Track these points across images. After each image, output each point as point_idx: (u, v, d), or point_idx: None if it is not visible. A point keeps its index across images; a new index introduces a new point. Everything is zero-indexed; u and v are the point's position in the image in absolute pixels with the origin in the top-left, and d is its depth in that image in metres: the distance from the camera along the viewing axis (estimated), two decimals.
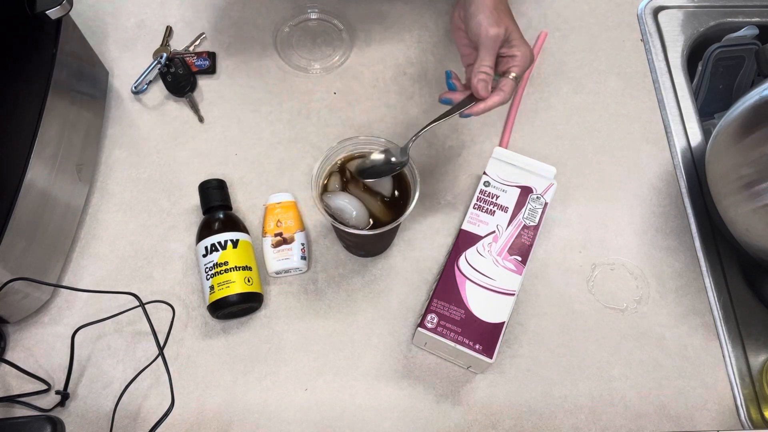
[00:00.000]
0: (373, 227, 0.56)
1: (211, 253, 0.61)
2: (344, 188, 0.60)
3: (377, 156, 0.60)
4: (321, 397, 0.60)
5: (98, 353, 0.61)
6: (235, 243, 0.62)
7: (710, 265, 0.68)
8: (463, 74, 0.64)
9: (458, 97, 0.60)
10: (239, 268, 0.61)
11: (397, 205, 0.60)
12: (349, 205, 0.58)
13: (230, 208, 0.67)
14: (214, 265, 0.61)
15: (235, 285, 0.60)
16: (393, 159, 0.59)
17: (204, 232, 0.63)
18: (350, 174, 0.61)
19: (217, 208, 0.66)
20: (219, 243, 0.61)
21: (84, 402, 0.59)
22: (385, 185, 0.60)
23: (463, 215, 0.66)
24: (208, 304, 0.61)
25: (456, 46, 0.64)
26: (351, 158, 0.61)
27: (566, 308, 0.65)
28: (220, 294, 0.59)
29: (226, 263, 0.60)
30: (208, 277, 0.61)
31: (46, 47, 0.61)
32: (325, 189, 0.60)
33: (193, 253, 0.66)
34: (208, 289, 0.60)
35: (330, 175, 0.61)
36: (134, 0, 0.82)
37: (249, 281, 0.61)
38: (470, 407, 0.60)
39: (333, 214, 0.58)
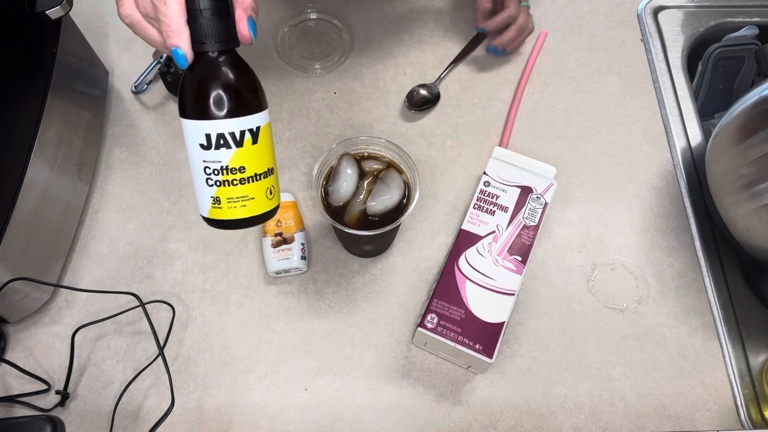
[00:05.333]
0: (372, 227, 0.56)
1: (217, 147, 0.40)
2: (361, 170, 0.60)
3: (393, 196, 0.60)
4: (321, 397, 0.60)
5: (98, 353, 0.61)
6: (255, 134, 0.40)
7: (710, 265, 0.68)
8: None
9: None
10: (260, 176, 0.41)
11: (397, 206, 0.60)
12: (346, 180, 0.59)
13: (237, 44, 0.42)
14: (222, 169, 0.40)
15: (254, 203, 0.42)
16: (404, 201, 0.59)
17: (199, 100, 0.39)
18: (374, 173, 0.60)
19: (219, 46, 0.40)
20: (232, 136, 0.39)
21: (84, 402, 0.59)
22: (388, 195, 0.59)
23: (463, 215, 0.66)
24: (206, 216, 0.43)
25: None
26: (361, 156, 0.62)
27: (566, 308, 0.65)
28: (230, 213, 0.42)
29: (242, 169, 0.40)
30: (211, 182, 0.41)
31: (46, 47, 0.61)
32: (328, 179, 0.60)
33: (194, 252, 0.66)
34: (208, 200, 0.42)
35: (368, 157, 0.61)
36: None
37: (271, 193, 0.43)
38: (470, 407, 0.60)
39: (329, 173, 0.58)
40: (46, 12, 0.57)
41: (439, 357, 0.62)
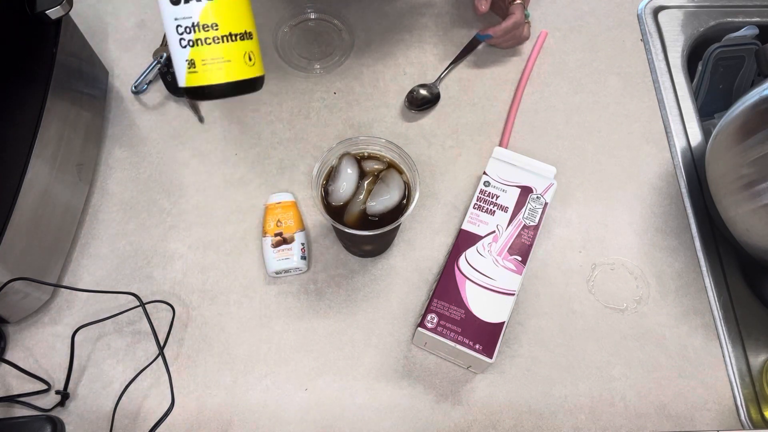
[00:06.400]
0: (372, 227, 0.56)
1: (186, 1, 0.38)
2: (361, 170, 0.60)
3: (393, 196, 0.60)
4: (321, 397, 0.60)
5: (98, 353, 0.61)
6: None
7: (710, 265, 0.68)
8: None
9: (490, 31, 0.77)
10: (236, 36, 0.40)
11: (396, 206, 0.60)
12: (346, 180, 0.58)
13: None
14: (193, 26, 0.39)
15: (231, 67, 0.40)
16: (404, 201, 0.59)
17: None
18: (375, 173, 0.60)
19: None
20: None
21: (84, 402, 0.59)
22: (388, 195, 0.59)
23: (463, 215, 0.66)
24: (183, 86, 0.41)
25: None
26: (361, 156, 0.62)
27: (566, 308, 0.65)
28: (206, 78, 0.40)
29: (215, 26, 0.39)
30: (184, 43, 0.39)
31: (46, 47, 0.61)
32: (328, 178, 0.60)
33: (194, 252, 0.66)
34: (184, 63, 0.40)
35: (368, 157, 0.61)
36: (134, 0, 0.82)
37: (251, 59, 0.41)
38: (470, 407, 0.60)
39: (329, 173, 0.59)
40: (46, 12, 0.57)
41: (439, 357, 0.62)
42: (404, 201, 0.59)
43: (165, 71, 0.74)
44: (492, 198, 0.64)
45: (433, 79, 0.78)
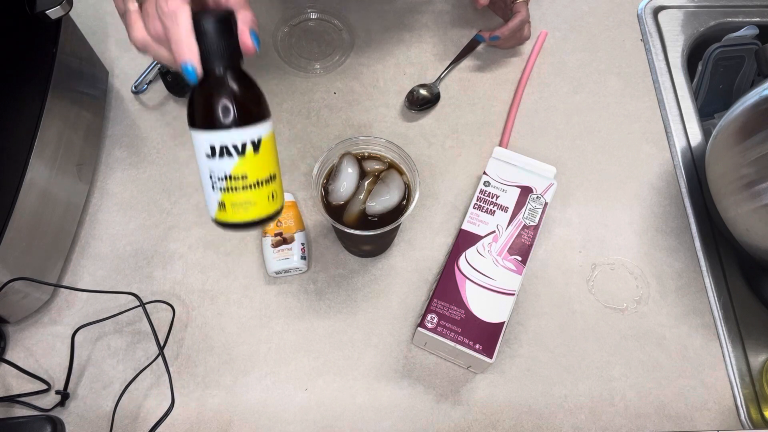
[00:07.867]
0: (372, 227, 0.56)
1: (221, 156, 0.43)
2: (362, 170, 0.60)
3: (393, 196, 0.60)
4: (321, 397, 0.60)
5: (98, 353, 0.61)
6: (257, 144, 0.44)
7: (710, 265, 0.68)
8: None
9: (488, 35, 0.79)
10: (262, 183, 0.45)
11: (396, 207, 0.60)
12: (346, 179, 0.58)
13: (241, 58, 0.45)
14: (226, 176, 0.43)
15: (257, 207, 0.45)
16: (404, 202, 0.60)
17: (205, 113, 0.42)
18: (375, 173, 0.61)
19: (224, 62, 0.43)
20: (235, 147, 0.42)
21: (84, 402, 0.59)
22: (388, 195, 0.59)
23: (463, 215, 0.66)
24: (213, 218, 0.46)
25: None
26: (362, 156, 0.62)
27: (566, 308, 0.65)
28: (234, 216, 0.45)
29: (244, 177, 0.43)
30: (216, 188, 0.44)
31: (46, 47, 0.61)
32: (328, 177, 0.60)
33: (194, 252, 0.66)
34: (215, 204, 0.45)
35: (369, 157, 0.61)
36: None
37: (273, 197, 0.46)
38: (470, 407, 0.60)
39: (330, 172, 0.59)
40: (46, 12, 0.57)
41: (439, 357, 0.62)
42: (404, 202, 0.59)
43: (165, 71, 0.74)
44: (492, 198, 0.64)
45: (433, 79, 0.78)
